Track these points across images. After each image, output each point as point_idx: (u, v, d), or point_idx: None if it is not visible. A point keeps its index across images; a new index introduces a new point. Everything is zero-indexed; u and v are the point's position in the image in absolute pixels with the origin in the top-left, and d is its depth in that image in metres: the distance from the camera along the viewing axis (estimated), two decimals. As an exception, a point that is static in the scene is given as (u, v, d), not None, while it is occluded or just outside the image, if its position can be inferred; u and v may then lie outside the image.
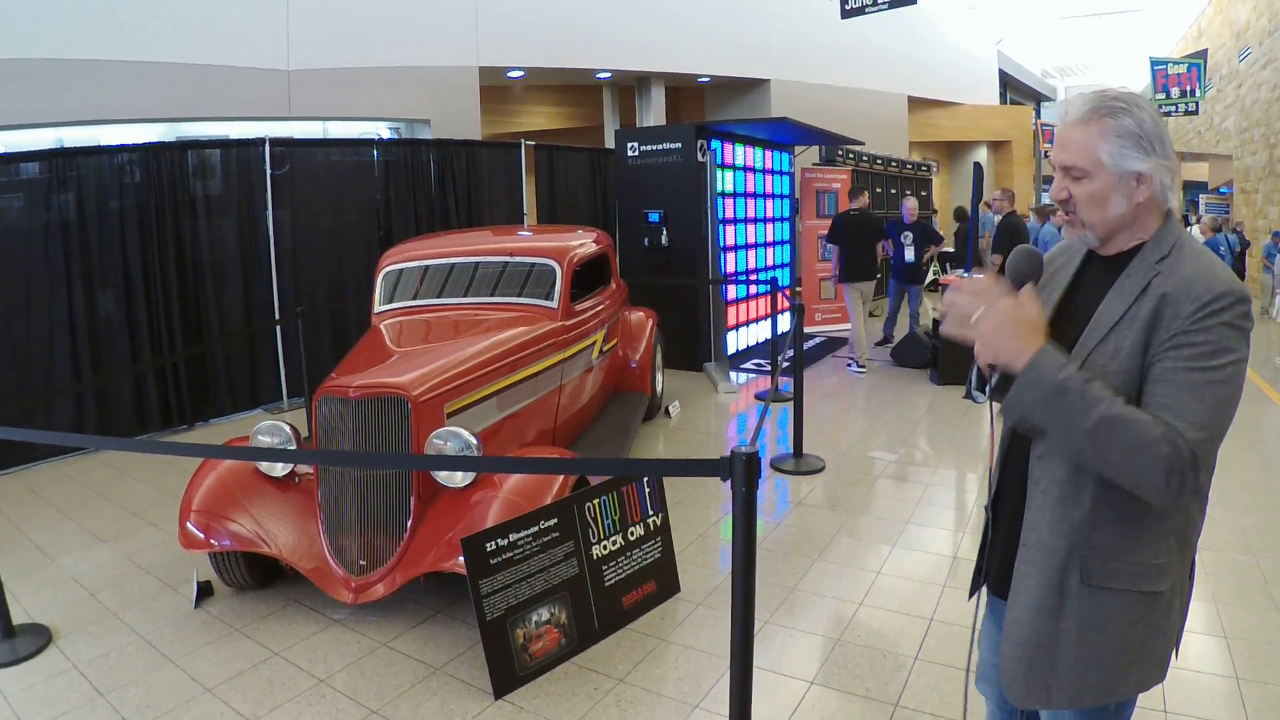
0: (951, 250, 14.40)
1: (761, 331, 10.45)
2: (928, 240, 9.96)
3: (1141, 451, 1.41)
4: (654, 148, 8.89)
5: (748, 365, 9.45)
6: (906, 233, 9.84)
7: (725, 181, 9.27)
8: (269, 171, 7.70)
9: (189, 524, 3.79)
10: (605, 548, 3.67)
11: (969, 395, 1.78)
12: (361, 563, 3.68)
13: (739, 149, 9.73)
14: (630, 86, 15.20)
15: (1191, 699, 3.05)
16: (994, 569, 1.86)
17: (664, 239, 8.83)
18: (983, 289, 1.57)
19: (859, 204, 9.56)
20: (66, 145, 7.06)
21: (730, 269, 9.52)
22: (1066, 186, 1.65)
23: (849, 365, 9.24)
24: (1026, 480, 1.71)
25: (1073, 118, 1.63)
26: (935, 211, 18.46)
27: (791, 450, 5.91)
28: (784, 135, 10.47)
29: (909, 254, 9.91)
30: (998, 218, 10.29)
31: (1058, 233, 10.08)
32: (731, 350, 9.58)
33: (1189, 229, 17.68)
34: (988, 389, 1.71)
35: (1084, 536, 1.60)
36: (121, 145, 6.96)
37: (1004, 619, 1.74)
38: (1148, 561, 1.58)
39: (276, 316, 7.80)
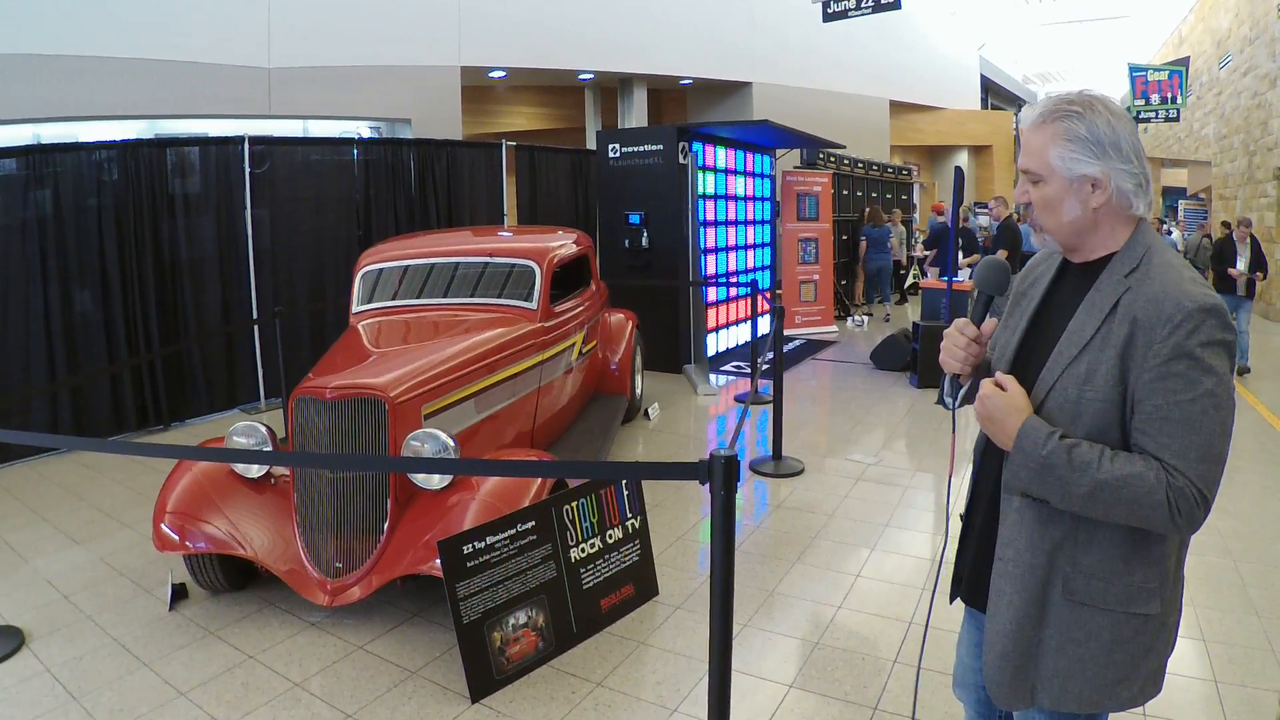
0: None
1: (741, 334, 10.47)
2: (972, 248, 10.21)
3: (1141, 504, 1.45)
4: (635, 149, 8.88)
5: (727, 367, 9.46)
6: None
7: (706, 184, 9.29)
8: (248, 170, 7.64)
9: (163, 526, 3.75)
10: (583, 550, 3.66)
11: (940, 401, 1.79)
12: (337, 565, 3.66)
13: (720, 151, 9.75)
14: (612, 88, 15.19)
15: (1170, 702, 3.06)
16: (967, 578, 1.85)
17: (645, 241, 8.83)
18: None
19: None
20: (44, 142, 6.98)
21: (711, 271, 9.54)
22: (1028, 190, 1.65)
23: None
24: (998, 492, 1.70)
25: (1029, 122, 1.64)
26: (915, 208, 18.63)
27: (771, 453, 5.93)
28: (765, 138, 10.50)
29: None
30: (983, 218, 10.48)
31: None
32: (711, 352, 9.62)
33: (1168, 235, 17.89)
34: (958, 396, 1.72)
35: (1067, 554, 1.59)
36: (100, 142, 6.88)
37: (985, 629, 1.72)
38: (1140, 584, 1.56)
39: (254, 316, 7.73)
